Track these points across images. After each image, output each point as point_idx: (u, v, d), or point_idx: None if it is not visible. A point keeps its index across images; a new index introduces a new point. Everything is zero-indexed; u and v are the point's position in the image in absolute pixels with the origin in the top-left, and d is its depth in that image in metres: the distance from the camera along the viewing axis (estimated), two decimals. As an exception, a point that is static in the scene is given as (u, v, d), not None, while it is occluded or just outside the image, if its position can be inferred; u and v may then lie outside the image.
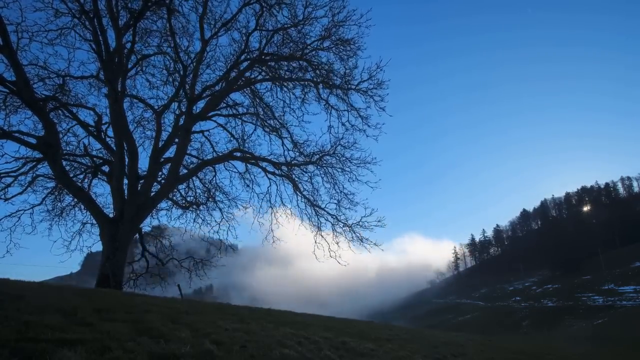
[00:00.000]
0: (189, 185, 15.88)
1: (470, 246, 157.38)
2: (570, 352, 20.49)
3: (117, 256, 11.58)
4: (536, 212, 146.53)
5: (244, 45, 14.06)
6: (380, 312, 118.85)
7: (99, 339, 3.95)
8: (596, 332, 43.16)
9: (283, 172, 14.99)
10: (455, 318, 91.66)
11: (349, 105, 14.15)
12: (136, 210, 12.33)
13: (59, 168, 11.79)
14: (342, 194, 14.55)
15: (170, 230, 17.13)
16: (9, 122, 12.36)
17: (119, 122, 12.77)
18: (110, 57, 12.66)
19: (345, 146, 14.26)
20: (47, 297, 5.72)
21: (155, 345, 4.13)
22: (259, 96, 15.12)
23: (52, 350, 3.36)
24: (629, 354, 22.31)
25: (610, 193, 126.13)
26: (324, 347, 6.27)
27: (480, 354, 11.17)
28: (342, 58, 13.75)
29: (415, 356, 7.73)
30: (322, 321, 10.70)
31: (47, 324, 4.09)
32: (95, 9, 12.43)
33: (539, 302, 79.40)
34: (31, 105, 11.29)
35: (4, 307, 4.59)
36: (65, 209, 14.86)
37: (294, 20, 13.52)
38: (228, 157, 15.03)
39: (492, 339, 21.02)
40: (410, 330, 15.27)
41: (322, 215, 14.89)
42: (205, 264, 15.79)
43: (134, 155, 13.04)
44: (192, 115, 13.71)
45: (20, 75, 10.86)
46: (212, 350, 4.42)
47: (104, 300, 6.51)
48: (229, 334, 5.61)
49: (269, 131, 15.22)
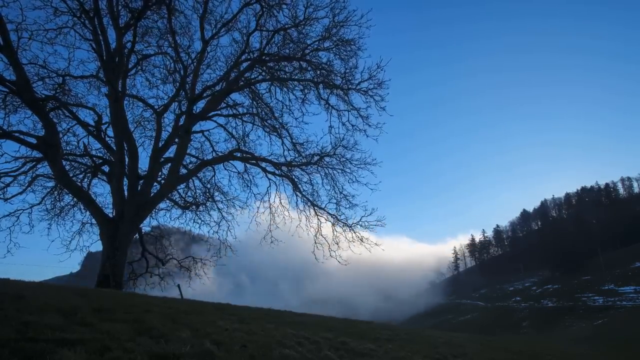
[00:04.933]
0: (189, 185, 15.88)
1: (470, 246, 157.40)
2: (570, 352, 20.49)
3: (117, 256, 11.58)
4: (536, 212, 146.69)
5: (245, 46, 14.06)
6: (381, 312, 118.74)
7: (99, 339, 3.95)
8: (596, 332, 43.14)
9: (283, 173, 14.99)
10: (455, 318, 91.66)
11: (349, 105, 14.18)
12: (136, 210, 12.32)
13: (58, 168, 11.78)
14: (341, 195, 14.56)
15: (170, 230, 17.13)
16: (8, 122, 12.36)
17: (119, 122, 12.76)
18: (110, 57, 12.65)
19: (346, 147, 14.28)
20: (47, 297, 5.71)
21: (155, 345, 4.13)
22: (259, 96, 15.12)
23: (52, 350, 3.36)
24: (629, 354, 22.31)
25: (610, 193, 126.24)
26: (324, 348, 6.27)
27: (480, 354, 11.17)
28: (343, 58, 13.78)
29: (415, 356, 7.72)
30: (322, 321, 10.69)
31: (47, 324, 4.08)
32: (96, 8, 12.43)
33: (539, 302, 79.41)
34: (31, 104, 11.28)
35: (4, 307, 4.58)
36: (65, 209, 14.86)
37: (295, 21, 13.52)
38: (228, 157, 15.03)
39: (492, 339, 21.02)
40: (410, 330, 15.27)
41: (321, 215, 14.90)
42: (205, 264, 15.77)
43: (134, 155, 13.03)
44: (192, 115, 13.70)
45: (20, 74, 10.85)
46: (212, 351, 4.42)
47: (104, 300, 6.50)
48: (229, 334, 5.61)
49: (269, 131, 15.23)
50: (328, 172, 14.56)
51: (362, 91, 13.76)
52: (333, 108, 14.32)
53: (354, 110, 14.12)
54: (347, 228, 14.46)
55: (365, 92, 13.73)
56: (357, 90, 13.82)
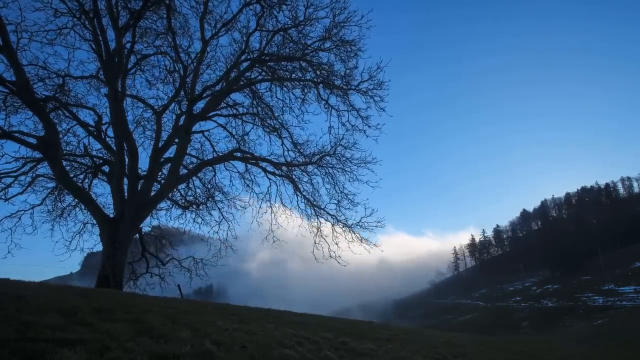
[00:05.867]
0: (189, 185, 15.88)
1: (470, 246, 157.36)
2: (570, 352, 20.49)
3: (117, 256, 11.57)
4: (536, 212, 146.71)
5: (245, 46, 14.05)
6: (381, 312, 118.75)
7: (99, 339, 3.95)
8: (596, 332, 43.11)
9: (283, 173, 14.99)
10: (455, 318, 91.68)
11: (349, 105, 14.17)
12: (136, 210, 12.32)
13: (59, 168, 11.78)
14: (342, 195, 14.57)
15: (170, 230, 17.12)
16: (9, 122, 12.36)
17: (119, 122, 12.76)
18: (110, 57, 12.64)
19: (345, 146, 14.28)
20: (47, 297, 5.72)
21: (155, 345, 4.13)
22: (259, 96, 15.12)
23: (52, 350, 3.37)
24: (629, 354, 22.29)
25: (610, 193, 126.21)
26: (324, 347, 6.27)
27: (480, 354, 11.18)
28: (343, 59, 13.77)
29: (415, 356, 7.73)
30: (322, 321, 10.69)
31: (47, 324, 4.09)
32: (95, 8, 12.42)
33: (539, 302, 79.45)
34: (31, 105, 11.29)
35: (4, 307, 4.59)
36: (66, 209, 14.87)
37: (295, 21, 13.51)
38: (228, 157, 15.02)
39: (492, 339, 21.02)
40: (410, 330, 15.26)
41: (322, 215, 14.91)
42: (205, 264, 15.75)
43: (134, 155, 13.03)
44: (192, 115, 13.70)
45: (20, 75, 10.85)
46: (212, 351, 4.42)
47: (104, 300, 6.50)
48: (229, 334, 5.61)
49: (269, 131, 15.22)
50: (328, 171, 14.58)
51: (362, 92, 13.76)
52: (333, 108, 14.33)
53: (353, 111, 14.13)
54: (347, 229, 14.48)
55: (365, 93, 13.73)
56: (357, 91, 13.82)
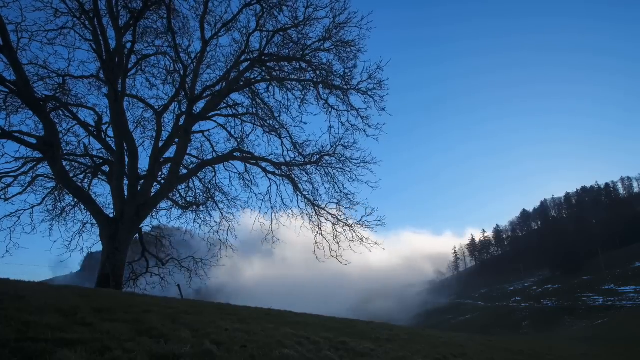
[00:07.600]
0: (189, 185, 15.88)
1: (470, 246, 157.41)
2: (570, 352, 20.49)
3: (117, 256, 11.58)
4: (536, 212, 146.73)
5: (245, 46, 14.05)
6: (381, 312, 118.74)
7: (99, 339, 3.95)
8: (596, 332, 43.15)
9: (283, 172, 14.99)
10: (455, 318, 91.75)
11: (348, 105, 14.18)
12: (136, 210, 12.32)
13: (59, 168, 11.78)
14: (342, 194, 14.57)
15: (170, 230, 17.11)
16: (9, 122, 12.39)
17: (119, 122, 12.76)
18: (110, 57, 12.64)
19: (345, 146, 14.29)
20: (47, 297, 5.72)
21: (155, 345, 4.13)
22: (259, 96, 15.13)
23: (52, 350, 3.36)
24: (629, 354, 22.29)
25: (610, 193, 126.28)
26: (324, 348, 6.27)
27: (480, 354, 11.17)
28: (343, 59, 13.77)
29: (415, 356, 7.72)
30: (322, 321, 10.68)
31: (47, 324, 4.09)
32: (95, 8, 12.42)
33: (539, 302, 79.49)
34: (31, 105, 11.29)
35: (4, 307, 4.59)
36: (66, 209, 14.87)
37: (295, 21, 13.51)
38: (228, 157, 15.03)
39: (492, 339, 21.01)
40: (410, 330, 15.25)
41: (322, 215, 14.91)
42: (205, 264, 15.76)
43: (134, 155, 13.04)
44: (192, 115, 13.70)
45: (21, 75, 10.85)
46: (212, 351, 4.42)
47: (104, 300, 6.50)
48: (229, 334, 5.61)
49: (268, 131, 15.23)
50: (328, 171, 14.59)
51: (361, 91, 13.77)
52: (332, 108, 14.34)
53: (353, 111, 14.14)
54: (348, 227, 14.49)
55: (364, 93, 13.74)
56: (356, 91, 13.83)
